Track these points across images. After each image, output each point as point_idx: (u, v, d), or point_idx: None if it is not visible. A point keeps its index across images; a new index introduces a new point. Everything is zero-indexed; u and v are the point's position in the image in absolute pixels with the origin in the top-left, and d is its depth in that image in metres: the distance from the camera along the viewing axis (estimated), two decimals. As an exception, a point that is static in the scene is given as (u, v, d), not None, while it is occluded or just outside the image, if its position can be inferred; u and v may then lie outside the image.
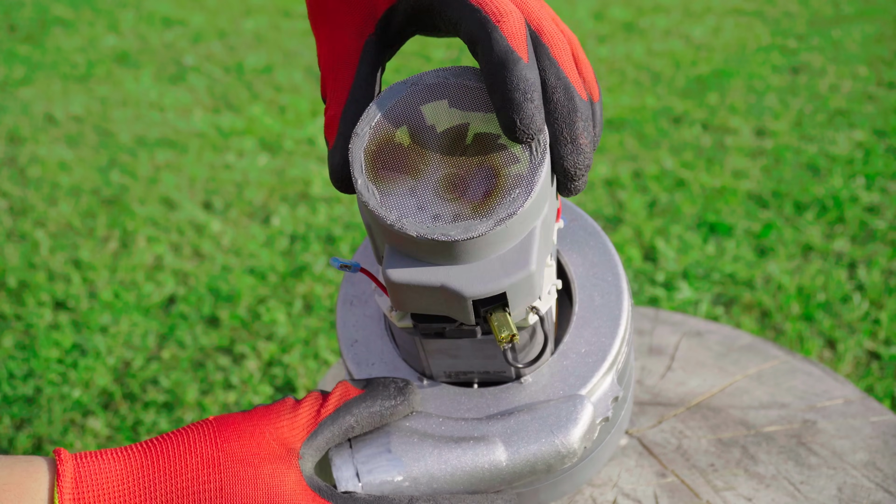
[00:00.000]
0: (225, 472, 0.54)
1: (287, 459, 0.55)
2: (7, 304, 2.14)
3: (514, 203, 0.49)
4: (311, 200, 2.64)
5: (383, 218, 0.50)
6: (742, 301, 2.09)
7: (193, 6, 4.78)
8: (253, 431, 0.56)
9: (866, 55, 3.83)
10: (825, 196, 2.56)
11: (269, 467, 0.54)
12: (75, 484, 0.53)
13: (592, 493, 0.73)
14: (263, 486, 0.54)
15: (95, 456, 0.55)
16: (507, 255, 0.50)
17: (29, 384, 1.86)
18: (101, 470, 0.54)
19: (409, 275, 0.50)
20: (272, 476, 0.54)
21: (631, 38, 4.19)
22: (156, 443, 0.55)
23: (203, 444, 0.55)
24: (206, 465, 0.54)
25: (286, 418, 0.57)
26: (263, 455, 0.55)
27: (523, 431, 0.58)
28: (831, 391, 0.87)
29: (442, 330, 0.55)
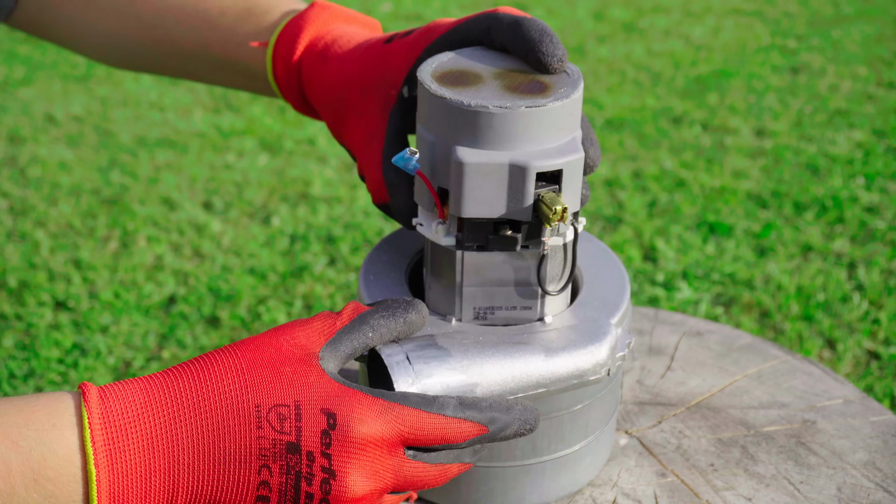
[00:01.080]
0: (248, 372, 0.56)
1: (307, 360, 0.57)
2: (7, 303, 2.14)
3: (566, 93, 0.61)
4: (311, 200, 2.64)
5: (460, 102, 0.60)
6: (742, 301, 2.09)
7: (193, 6, 4.79)
8: (269, 342, 0.58)
9: (866, 55, 3.84)
10: (825, 196, 2.56)
11: (289, 366, 0.57)
12: (102, 401, 0.54)
13: (592, 493, 0.73)
14: (286, 381, 0.56)
15: (119, 383, 0.57)
16: (561, 145, 0.61)
17: (29, 384, 1.86)
18: (124, 388, 0.56)
19: (479, 156, 0.60)
20: (294, 373, 0.56)
21: (631, 38, 4.19)
22: (175, 367, 0.58)
23: (225, 356, 0.57)
24: (229, 371, 0.56)
25: (300, 329, 0.59)
26: (283, 358, 0.57)
27: (559, 340, 0.64)
28: (831, 391, 0.87)
29: (485, 241, 0.62)
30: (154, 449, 0.54)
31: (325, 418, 0.55)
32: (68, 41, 0.93)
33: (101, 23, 0.87)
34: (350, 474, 0.55)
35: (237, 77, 0.83)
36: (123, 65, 0.93)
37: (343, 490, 0.55)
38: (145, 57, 0.88)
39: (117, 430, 0.54)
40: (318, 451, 0.55)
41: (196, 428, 0.55)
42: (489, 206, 0.61)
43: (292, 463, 0.55)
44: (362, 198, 2.63)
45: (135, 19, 0.86)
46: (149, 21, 0.85)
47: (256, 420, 0.55)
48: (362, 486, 0.56)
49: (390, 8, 4.83)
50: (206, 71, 0.85)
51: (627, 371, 0.89)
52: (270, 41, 0.78)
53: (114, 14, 0.87)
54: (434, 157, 0.63)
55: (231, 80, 0.85)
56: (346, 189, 2.70)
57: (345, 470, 0.55)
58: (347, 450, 0.55)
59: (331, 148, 3.00)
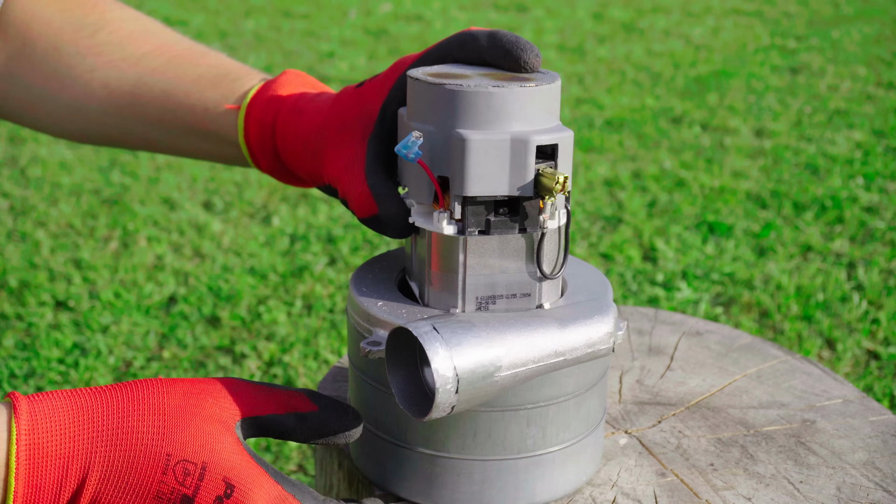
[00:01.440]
0: (170, 420, 0.60)
1: (229, 423, 0.61)
2: (8, 303, 2.14)
3: (550, 79, 0.65)
4: (312, 200, 2.64)
5: (458, 86, 0.63)
6: (741, 301, 2.09)
7: (194, 6, 4.79)
8: (199, 393, 0.62)
9: (865, 55, 3.84)
10: (824, 196, 2.56)
11: (210, 425, 0.60)
12: (30, 417, 0.59)
13: (592, 493, 0.74)
14: (203, 438, 0.60)
15: (47, 395, 0.60)
16: (552, 126, 0.66)
17: (30, 384, 1.86)
18: (52, 403, 0.60)
19: (483, 134, 0.63)
20: (212, 433, 0.60)
21: (631, 38, 4.19)
22: (106, 389, 0.61)
23: (151, 395, 0.61)
24: (152, 412, 0.60)
25: (233, 391, 0.63)
26: (206, 414, 0.61)
27: (569, 315, 0.67)
28: (830, 391, 0.87)
29: (486, 225, 0.65)
30: (69, 469, 0.59)
31: (224, 486, 0.59)
32: (26, 114, 0.91)
33: (65, 94, 0.87)
34: None
35: (204, 143, 0.85)
36: (84, 138, 0.92)
37: None
38: (110, 127, 0.88)
39: (39, 449, 0.59)
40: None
41: (108, 458, 0.59)
42: (492, 184, 0.64)
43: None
44: (362, 198, 2.64)
45: (102, 87, 0.86)
46: (117, 90, 0.86)
47: (164, 466, 0.59)
48: None
49: (390, 8, 4.83)
50: (172, 138, 0.86)
51: (627, 371, 0.90)
52: (244, 104, 0.80)
53: (79, 85, 0.87)
54: (433, 147, 0.65)
55: (197, 147, 0.86)
56: (346, 189, 2.71)
57: None
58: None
59: (331, 148, 3.01)
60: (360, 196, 0.70)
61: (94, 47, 0.87)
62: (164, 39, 0.88)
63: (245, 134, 0.80)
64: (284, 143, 0.78)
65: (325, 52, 4.04)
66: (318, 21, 4.56)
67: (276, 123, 0.78)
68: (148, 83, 0.85)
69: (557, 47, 4.11)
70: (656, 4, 4.72)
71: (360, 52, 4.06)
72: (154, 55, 0.87)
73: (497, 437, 0.68)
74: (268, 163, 0.80)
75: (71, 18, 0.88)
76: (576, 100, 3.43)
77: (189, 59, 0.87)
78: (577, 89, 3.54)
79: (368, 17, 4.66)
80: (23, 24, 0.87)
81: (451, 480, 0.68)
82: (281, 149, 0.79)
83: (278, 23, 4.50)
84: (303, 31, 4.39)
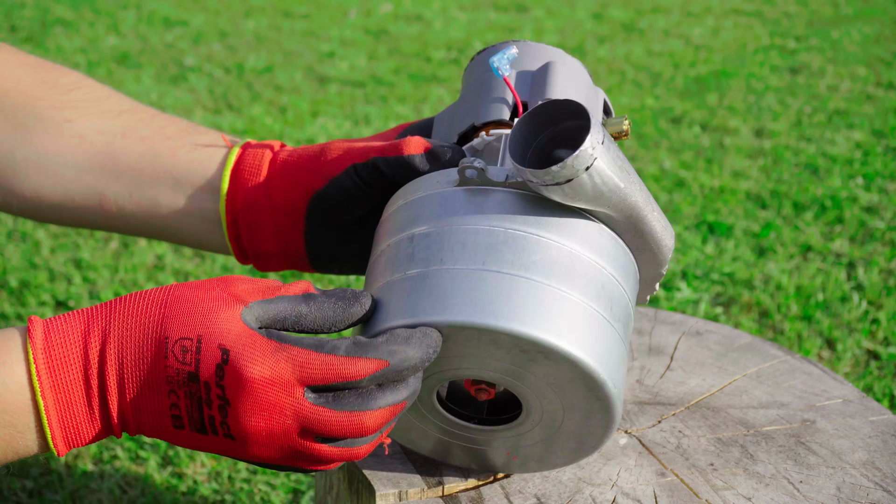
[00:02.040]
0: (169, 307, 0.62)
1: (229, 303, 0.62)
2: (8, 303, 2.14)
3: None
4: (312, 201, 2.64)
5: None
6: (741, 301, 2.09)
7: (194, 7, 4.79)
8: (205, 286, 0.63)
9: (865, 56, 3.84)
10: (824, 196, 2.56)
11: (207, 305, 0.62)
12: (45, 336, 0.61)
13: (592, 493, 0.74)
14: (198, 315, 0.61)
15: (62, 315, 0.63)
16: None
17: (30, 384, 1.87)
18: (66, 320, 0.62)
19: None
20: (208, 310, 0.62)
21: (630, 38, 4.19)
22: (122, 297, 0.64)
23: (157, 294, 0.63)
24: (155, 305, 0.62)
25: (244, 282, 0.64)
26: (208, 298, 0.62)
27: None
28: (830, 391, 0.87)
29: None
30: (89, 379, 0.61)
31: (220, 353, 0.60)
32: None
33: (31, 146, 0.83)
34: (241, 405, 0.61)
35: (180, 197, 0.82)
36: (42, 207, 0.85)
37: (237, 417, 0.61)
38: (78, 185, 0.83)
39: (58, 366, 0.61)
40: (213, 381, 0.60)
41: (121, 358, 0.61)
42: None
43: (193, 390, 0.61)
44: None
45: (75, 137, 0.83)
46: (92, 141, 0.83)
47: (164, 350, 0.61)
48: (255, 417, 0.61)
49: (390, 8, 4.83)
50: (146, 193, 0.82)
51: (627, 371, 0.90)
52: (237, 146, 0.82)
53: (50, 135, 0.83)
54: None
55: (172, 207, 0.82)
56: (347, 189, 2.70)
57: (236, 401, 0.61)
58: (237, 383, 0.60)
59: (331, 148, 3.01)
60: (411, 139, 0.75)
61: (69, 102, 0.84)
62: (142, 105, 0.87)
63: (235, 166, 0.79)
64: (288, 158, 0.79)
65: (325, 52, 4.04)
66: (318, 21, 4.56)
67: (276, 146, 0.80)
68: (127, 133, 0.83)
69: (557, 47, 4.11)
70: (656, 4, 4.72)
71: (360, 52, 4.06)
72: (134, 112, 0.85)
73: None
74: (247, 196, 0.79)
75: (44, 78, 0.85)
76: (576, 100, 3.43)
77: (171, 119, 0.86)
78: (577, 89, 3.54)
79: (368, 17, 4.67)
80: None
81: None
82: (280, 164, 0.79)
83: (278, 23, 4.51)
84: (303, 31, 4.39)
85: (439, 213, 0.67)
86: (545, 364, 0.63)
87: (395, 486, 0.73)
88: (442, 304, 0.62)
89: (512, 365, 0.64)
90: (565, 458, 0.73)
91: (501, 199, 0.66)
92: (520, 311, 0.62)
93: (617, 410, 0.66)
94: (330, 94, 3.52)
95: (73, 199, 0.83)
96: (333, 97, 3.48)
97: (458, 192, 0.67)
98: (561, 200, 0.65)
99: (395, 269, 0.66)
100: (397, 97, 3.49)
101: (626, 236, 0.69)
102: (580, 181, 0.62)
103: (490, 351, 0.64)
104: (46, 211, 0.85)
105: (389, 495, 0.73)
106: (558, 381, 0.65)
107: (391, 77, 3.72)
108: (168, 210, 0.82)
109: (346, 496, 0.79)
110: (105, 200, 0.83)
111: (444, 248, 0.65)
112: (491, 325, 0.61)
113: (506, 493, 0.74)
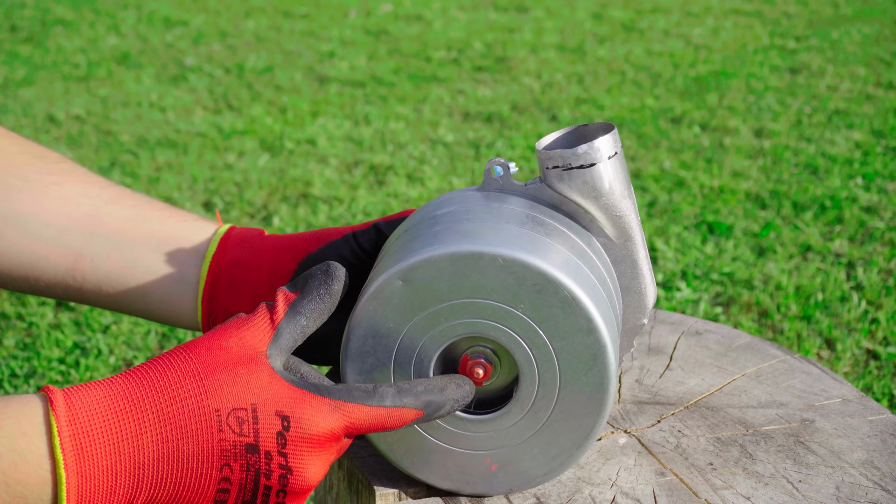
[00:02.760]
0: (205, 377, 0.60)
1: (257, 360, 0.62)
2: (8, 303, 2.14)
3: None
4: (312, 200, 2.64)
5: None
6: (741, 301, 2.09)
7: (194, 7, 4.79)
8: (221, 344, 0.62)
9: (865, 56, 3.84)
10: (824, 196, 2.57)
11: (243, 368, 0.61)
12: (68, 406, 0.58)
13: (591, 492, 0.74)
14: (243, 383, 0.60)
15: (81, 385, 0.60)
16: None
17: (31, 384, 1.87)
18: (89, 393, 0.59)
19: None
20: (248, 374, 0.61)
21: (630, 38, 4.19)
22: (135, 369, 0.61)
23: (181, 362, 0.61)
24: (188, 376, 0.60)
25: (245, 328, 0.63)
26: (236, 359, 0.61)
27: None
28: (829, 390, 0.88)
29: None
30: (120, 453, 0.58)
31: (279, 421, 0.60)
32: None
33: (11, 204, 0.80)
34: (305, 469, 0.61)
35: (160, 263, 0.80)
36: (13, 271, 0.82)
37: (299, 482, 0.61)
38: (56, 245, 0.80)
39: (85, 436, 0.58)
40: (274, 450, 0.60)
41: (161, 433, 0.59)
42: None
43: (252, 461, 0.60)
44: (362, 198, 2.64)
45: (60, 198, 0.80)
46: (77, 203, 0.80)
47: (217, 423, 0.59)
48: (316, 475, 0.62)
49: (390, 8, 4.83)
50: (128, 258, 0.80)
51: (626, 370, 0.90)
52: (223, 228, 0.81)
53: (33, 196, 0.80)
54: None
55: (151, 271, 0.80)
56: (346, 189, 2.71)
57: (300, 466, 0.61)
58: (301, 449, 0.61)
59: (331, 148, 3.01)
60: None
61: (56, 171, 0.82)
62: (130, 189, 0.85)
63: (228, 232, 0.80)
64: (285, 234, 0.80)
65: (325, 52, 4.05)
66: (318, 21, 4.57)
67: (262, 234, 0.80)
68: (116, 200, 0.81)
69: (557, 47, 4.11)
70: (656, 4, 4.72)
71: (360, 52, 4.06)
72: (123, 188, 0.83)
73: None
74: (235, 256, 0.78)
75: (29, 150, 0.83)
76: (575, 100, 3.43)
77: (161, 201, 0.85)
78: (577, 89, 3.54)
79: (368, 17, 4.67)
80: None
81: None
82: (276, 236, 0.80)
83: (278, 23, 4.51)
84: (303, 31, 4.39)
85: (461, 200, 0.72)
86: (554, 299, 0.66)
87: (394, 486, 0.73)
88: (471, 239, 0.66)
89: (521, 303, 0.66)
90: (545, 466, 0.71)
91: (521, 201, 0.72)
92: (541, 252, 0.66)
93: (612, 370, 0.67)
94: (330, 94, 3.52)
95: (46, 258, 0.80)
96: (333, 97, 3.48)
97: (479, 195, 0.73)
98: (576, 192, 0.70)
99: (418, 231, 0.70)
100: (397, 97, 3.49)
101: (619, 266, 0.74)
102: (601, 168, 0.69)
103: (508, 285, 0.66)
104: (17, 271, 0.81)
105: (389, 495, 0.73)
106: (559, 330, 0.67)
107: (391, 77, 3.72)
108: (144, 271, 0.80)
109: (345, 496, 0.79)
110: (80, 260, 0.80)
111: (469, 212, 0.69)
112: (514, 255, 0.65)
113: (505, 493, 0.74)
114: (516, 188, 0.72)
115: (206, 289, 0.79)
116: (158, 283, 0.80)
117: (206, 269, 0.79)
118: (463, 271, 0.65)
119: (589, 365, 0.67)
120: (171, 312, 0.81)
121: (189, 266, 0.79)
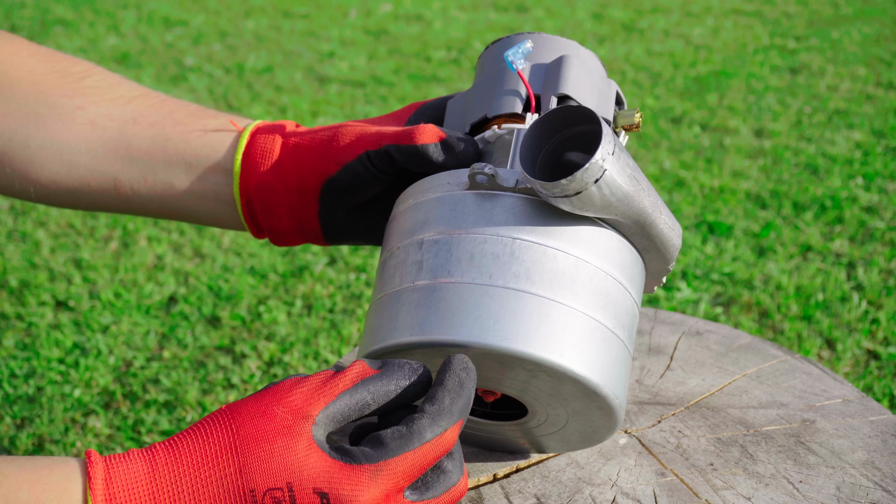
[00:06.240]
0: (242, 453, 0.59)
1: (298, 429, 0.59)
2: (8, 303, 2.14)
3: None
4: (312, 200, 2.64)
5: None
6: (741, 301, 2.09)
7: (194, 7, 4.79)
8: (265, 411, 0.60)
9: (865, 56, 3.84)
10: (824, 196, 2.56)
11: (281, 441, 0.59)
12: (106, 484, 0.58)
13: (592, 493, 0.74)
14: (278, 459, 0.58)
15: (123, 457, 0.59)
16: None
17: (30, 384, 1.86)
18: (128, 469, 0.59)
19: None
20: (285, 448, 0.58)
21: (630, 38, 4.20)
22: (177, 438, 0.60)
23: (220, 432, 0.60)
24: (225, 451, 0.59)
25: (299, 388, 0.61)
26: (276, 430, 0.59)
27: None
28: (830, 391, 0.87)
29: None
30: None
31: (318, 499, 0.58)
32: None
33: (43, 133, 0.82)
34: None
35: (192, 180, 0.82)
36: (55, 191, 0.85)
37: None
38: (90, 171, 0.83)
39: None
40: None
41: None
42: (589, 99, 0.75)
43: None
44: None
45: (88, 124, 0.83)
46: (104, 126, 0.83)
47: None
48: None
49: (390, 8, 4.83)
50: (159, 176, 0.82)
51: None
52: (250, 125, 0.82)
53: (62, 123, 0.82)
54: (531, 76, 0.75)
55: (184, 189, 0.83)
56: (346, 189, 2.70)
57: None
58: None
59: (331, 148, 3.01)
60: (425, 127, 0.74)
61: (80, 90, 0.84)
62: (152, 91, 0.87)
63: (247, 150, 0.80)
64: (300, 142, 0.78)
65: (325, 52, 4.05)
66: (318, 21, 4.57)
67: (289, 126, 0.80)
68: (138, 118, 0.83)
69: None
70: (656, 4, 4.73)
71: (360, 52, 4.06)
72: (144, 97, 0.85)
73: None
74: (260, 179, 0.79)
75: (55, 67, 0.85)
76: (576, 100, 3.43)
77: (181, 103, 0.86)
78: (577, 89, 3.54)
79: (368, 17, 4.67)
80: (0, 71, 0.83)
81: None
82: (293, 148, 0.79)
83: (278, 23, 4.51)
84: (303, 31, 4.39)
85: (448, 218, 0.67)
86: (549, 380, 0.64)
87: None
88: (449, 323, 0.63)
89: (517, 379, 0.66)
90: (575, 446, 0.76)
91: (510, 205, 0.66)
92: (524, 331, 0.62)
93: (619, 416, 0.68)
94: (330, 94, 3.52)
95: (88, 185, 0.83)
96: (333, 97, 3.48)
97: (468, 197, 0.67)
98: (569, 210, 0.65)
99: (404, 277, 0.67)
100: (397, 97, 3.49)
101: (633, 238, 0.69)
102: (589, 193, 0.63)
103: (495, 367, 0.64)
104: (64, 197, 0.85)
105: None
106: (562, 394, 0.66)
107: (391, 77, 3.72)
108: (183, 192, 0.82)
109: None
110: (120, 185, 0.83)
111: (452, 258, 0.65)
112: (496, 345, 0.62)
113: (505, 493, 0.74)
114: (504, 190, 0.67)
115: (244, 208, 0.81)
116: (199, 201, 0.83)
117: (237, 191, 0.81)
118: (448, 352, 0.63)
119: (595, 413, 0.68)
120: (222, 223, 0.85)
121: (221, 185, 0.81)
